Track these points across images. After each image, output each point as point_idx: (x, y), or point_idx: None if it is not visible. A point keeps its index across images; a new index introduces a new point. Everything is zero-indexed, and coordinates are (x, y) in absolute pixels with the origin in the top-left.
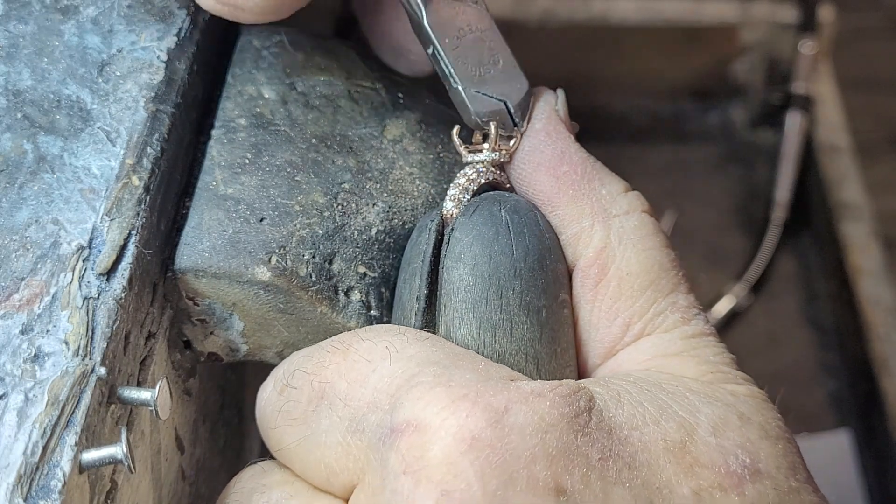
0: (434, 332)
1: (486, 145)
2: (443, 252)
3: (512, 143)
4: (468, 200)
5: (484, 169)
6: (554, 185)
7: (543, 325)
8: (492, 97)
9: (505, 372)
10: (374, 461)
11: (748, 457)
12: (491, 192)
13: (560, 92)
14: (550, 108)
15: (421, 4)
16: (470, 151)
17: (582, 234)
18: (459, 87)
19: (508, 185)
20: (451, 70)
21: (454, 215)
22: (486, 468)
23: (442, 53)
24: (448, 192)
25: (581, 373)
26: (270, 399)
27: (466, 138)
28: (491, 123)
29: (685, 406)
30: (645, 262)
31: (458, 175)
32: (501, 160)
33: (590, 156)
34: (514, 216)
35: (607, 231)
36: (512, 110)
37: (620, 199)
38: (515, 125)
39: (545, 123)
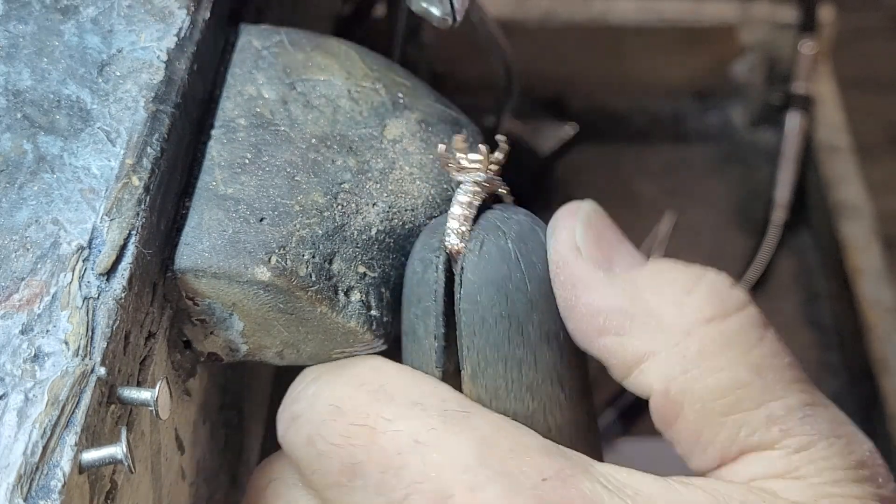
0: (458, 370)
1: (476, 164)
2: (456, 293)
3: (500, 154)
4: (470, 230)
5: (479, 189)
6: (597, 339)
7: (563, 348)
8: None
9: (535, 469)
10: None
11: None
12: (492, 216)
13: (583, 205)
14: (567, 248)
15: None
16: (458, 170)
17: (641, 378)
18: None
19: (504, 190)
20: None
21: (459, 250)
22: None
23: None
24: (448, 225)
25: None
26: (295, 446)
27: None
28: (480, 145)
29: None
30: (717, 389)
31: (453, 203)
32: (492, 175)
33: (625, 284)
34: (522, 246)
35: (668, 368)
36: None
37: (679, 321)
38: (453, 11)
39: (566, 275)
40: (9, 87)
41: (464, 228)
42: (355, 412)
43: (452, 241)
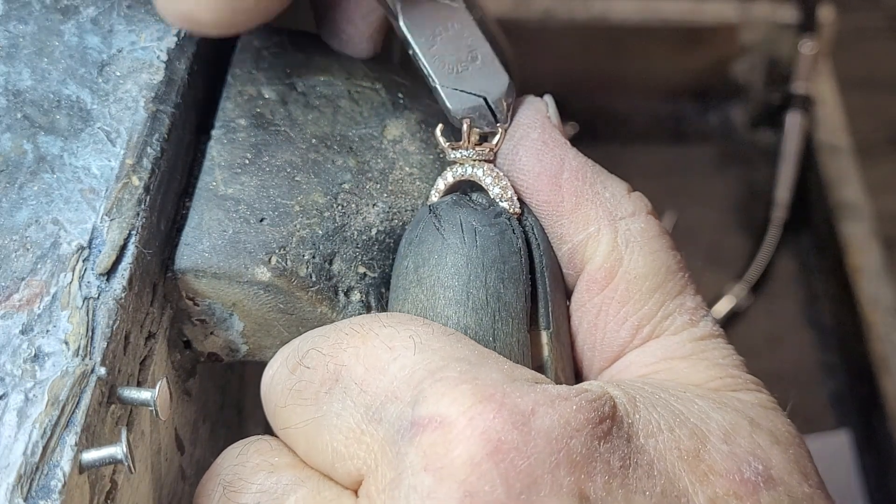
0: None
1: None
2: (536, 255)
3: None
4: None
5: (461, 168)
6: (557, 193)
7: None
8: (470, 93)
9: (530, 374)
10: (390, 453)
11: (761, 464)
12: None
13: (549, 98)
14: (542, 115)
15: (397, 3)
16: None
17: (589, 240)
18: (437, 86)
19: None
20: (429, 69)
21: (516, 212)
22: (510, 472)
23: (419, 53)
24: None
25: (585, 374)
26: (279, 376)
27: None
28: (463, 122)
29: (696, 413)
30: (653, 265)
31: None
32: (483, 158)
33: (588, 159)
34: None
35: (614, 235)
36: (492, 106)
37: (624, 202)
38: (497, 121)
39: (540, 132)
40: (9, 87)
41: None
42: (350, 324)
43: (506, 206)
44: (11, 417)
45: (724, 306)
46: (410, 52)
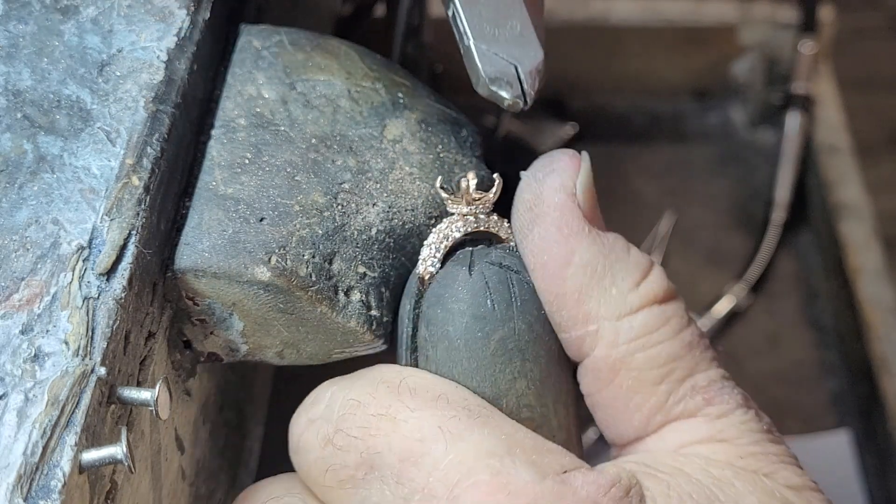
0: None
1: (463, 198)
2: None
3: (492, 192)
4: (440, 259)
5: (461, 223)
6: (560, 286)
7: (546, 363)
8: (503, 58)
9: (556, 463)
10: None
11: None
12: (474, 250)
13: (585, 159)
14: (568, 194)
15: None
16: (451, 202)
17: (587, 338)
18: (471, 44)
19: (496, 229)
20: (466, 26)
21: (426, 278)
22: None
23: (459, 7)
24: (421, 253)
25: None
26: (311, 446)
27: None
28: (461, 179)
29: (730, 495)
30: (655, 359)
31: (431, 231)
32: (479, 212)
33: (605, 245)
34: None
35: (615, 335)
36: (522, 76)
37: (631, 297)
38: (524, 94)
39: (559, 215)
40: (9, 87)
41: (433, 257)
42: (377, 404)
43: (419, 269)
44: (11, 417)
45: (724, 306)
46: (450, 10)
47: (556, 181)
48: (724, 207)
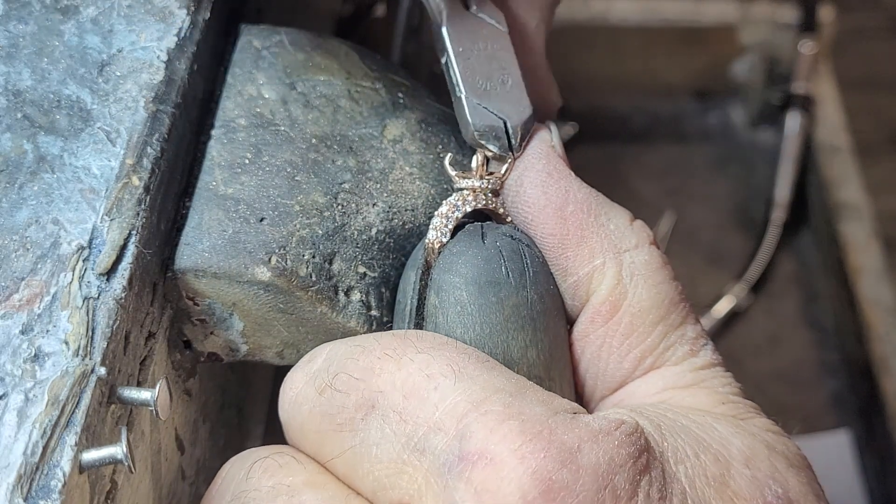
0: None
1: (471, 172)
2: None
3: (504, 169)
4: (450, 230)
5: (471, 197)
6: (562, 226)
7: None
8: (492, 113)
9: (566, 404)
10: (436, 485)
11: (780, 487)
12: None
13: (553, 126)
14: (548, 146)
15: (443, 10)
16: (460, 178)
17: (594, 273)
18: (463, 97)
19: (502, 211)
20: (459, 79)
21: (436, 247)
22: None
23: (453, 61)
24: (431, 222)
25: (587, 401)
26: (307, 397)
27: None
28: (477, 151)
29: (716, 438)
30: (656, 297)
31: (442, 203)
32: (490, 187)
33: (592, 189)
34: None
35: (619, 268)
36: (510, 131)
37: (628, 233)
38: (511, 148)
39: (545, 163)
40: (9, 87)
41: (444, 226)
42: (382, 347)
43: (430, 237)
44: (11, 417)
45: (724, 306)
46: (443, 59)
47: (535, 140)
48: (724, 207)
